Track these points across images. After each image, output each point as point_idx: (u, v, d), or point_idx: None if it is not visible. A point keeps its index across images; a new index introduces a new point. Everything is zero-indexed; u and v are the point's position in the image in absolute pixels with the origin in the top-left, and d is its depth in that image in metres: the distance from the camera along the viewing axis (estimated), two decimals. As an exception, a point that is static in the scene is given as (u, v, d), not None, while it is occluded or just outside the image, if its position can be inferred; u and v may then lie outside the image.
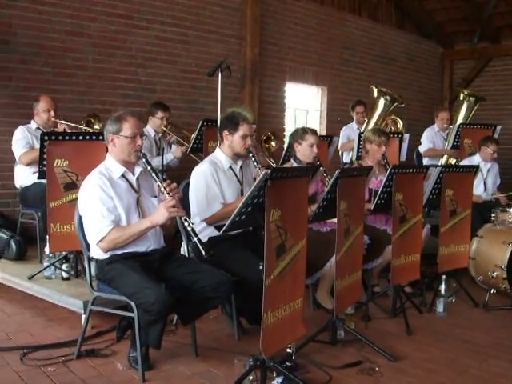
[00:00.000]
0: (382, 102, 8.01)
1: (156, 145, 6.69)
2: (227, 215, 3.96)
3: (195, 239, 3.58)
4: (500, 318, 5.06)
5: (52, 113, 5.85)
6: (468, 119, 8.24)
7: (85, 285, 4.12)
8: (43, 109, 5.84)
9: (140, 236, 3.67)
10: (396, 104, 8.06)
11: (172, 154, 6.68)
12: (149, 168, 3.71)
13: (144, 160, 3.73)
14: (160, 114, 6.62)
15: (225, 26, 8.95)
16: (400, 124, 8.27)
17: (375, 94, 8.12)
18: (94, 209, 3.61)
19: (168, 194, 3.60)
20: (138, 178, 3.84)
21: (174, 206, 3.56)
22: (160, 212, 3.59)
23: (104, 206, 3.59)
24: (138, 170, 3.84)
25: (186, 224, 3.64)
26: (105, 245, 3.62)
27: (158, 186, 3.67)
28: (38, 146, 5.25)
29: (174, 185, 3.67)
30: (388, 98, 7.97)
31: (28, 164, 5.66)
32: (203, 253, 3.57)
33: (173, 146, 6.81)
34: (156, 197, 3.88)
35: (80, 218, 3.76)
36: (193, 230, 3.62)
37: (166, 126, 6.69)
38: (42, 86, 6.92)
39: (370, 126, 7.86)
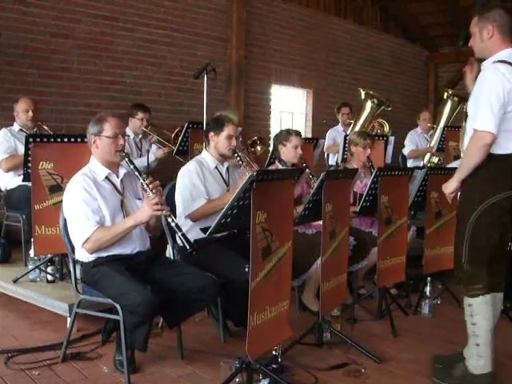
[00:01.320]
0: (368, 105, 8.04)
1: (137, 146, 6.65)
2: (212, 210, 4.01)
3: (179, 234, 3.54)
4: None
5: (30, 113, 5.83)
6: (451, 119, 8.27)
7: (70, 288, 4.10)
8: (22, 109, 5.84)
9: (124, 235, 3.65)
10: (383, 107, 8.09)
11: (153, 155, 6.63)
12: (131, 167, 3.70)
13: (127, 159, 3.73)
14: (140, 114, 6.59)
15: (210, 28, 8.95)
16: (386, 127, 8.31)
17: (362, 97, 8.14)
18: (78, 210, 3.60)
19: (151, 191, 3.57)
20: (122, 180, 3.84)
21: (157, 204, 3.53)
22: (143, 210, 3.58)
23: (88, 208, 3.59)
24: (122, 171, 3.85)
25: (169, 220, 3.60)
26: (90, 245, 3.59)
27: (141, 183, 3.65)
28: (21, 148, 5.23)
29: (157, 182, 3.65)
30: (375, 100, 8.00)
31: (8, 170, 5.67)
32: (187, 246, 3.52)
33: (153, 146, 6.77)
34: (140, 199, 3.87)
35: (65, 221, 3.74)
36: (177, 225, 3.58)
37: (147, 126, 6.65)
38: (27, 88, 6.89)
39: (357, 128, 7.88)
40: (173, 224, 3.58)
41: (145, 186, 3.61)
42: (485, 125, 3.28)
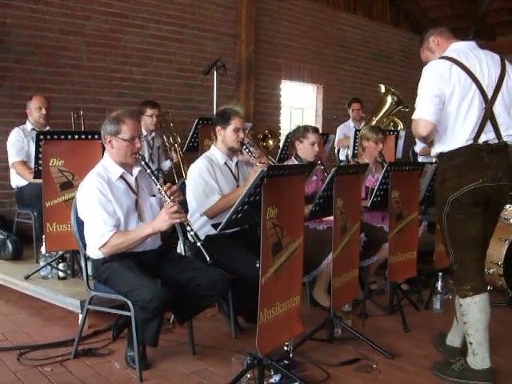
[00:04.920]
0: (388, 100, 7.98)
1: (148, 145, 6.64)
2: (227, 205, 3.98)
3: (198, 244, 3.48)
4: (496, 315, 5.01)
5: (43, 111, 5.86)
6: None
7: (81, 284, 4.11)
8: (35, 107, 5.88)
9: (142, 242, 3.64)
10: (400, 107, 8.02)
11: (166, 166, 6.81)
12: (148, 171, 3.64)
13: (143, 163, 3.67)
14: (149, 111, 6.56)
15: (220, 24, 8.94)
16: (400, 126, 8.26)
17: (382, 91, 8.07)
18: (94, 214, 3.57)
19: (169, 197, 3.52)
20: (136, 178, 3.80)
21: (176, 212, 3.49)
22: (162, 218, 3.52)
23: (104, 211, 3.56)
24: (136, 170, 3.80)
25: (188, 229, 3.55)
26: (107, 250, 3.59)
27: (159, 189, 3.59)
28: (33, 148, 5.23)
29: (175, 187, 3.60)
30: (395, 98, 7.94)
31: (18, 174, 5.76)
32: (207, 258, 3.45)
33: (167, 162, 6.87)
34: (154, 196, 3.85)
35: (77, 218, 3.74)
36: (196, 234, 3.52)
37: (159, 123, 6.70)
38: (37, 85, 6.92)
39: (372, 123, 7.83)
40: (192, 233, 3.52)
41: (162, 193, 3.55)
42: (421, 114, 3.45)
